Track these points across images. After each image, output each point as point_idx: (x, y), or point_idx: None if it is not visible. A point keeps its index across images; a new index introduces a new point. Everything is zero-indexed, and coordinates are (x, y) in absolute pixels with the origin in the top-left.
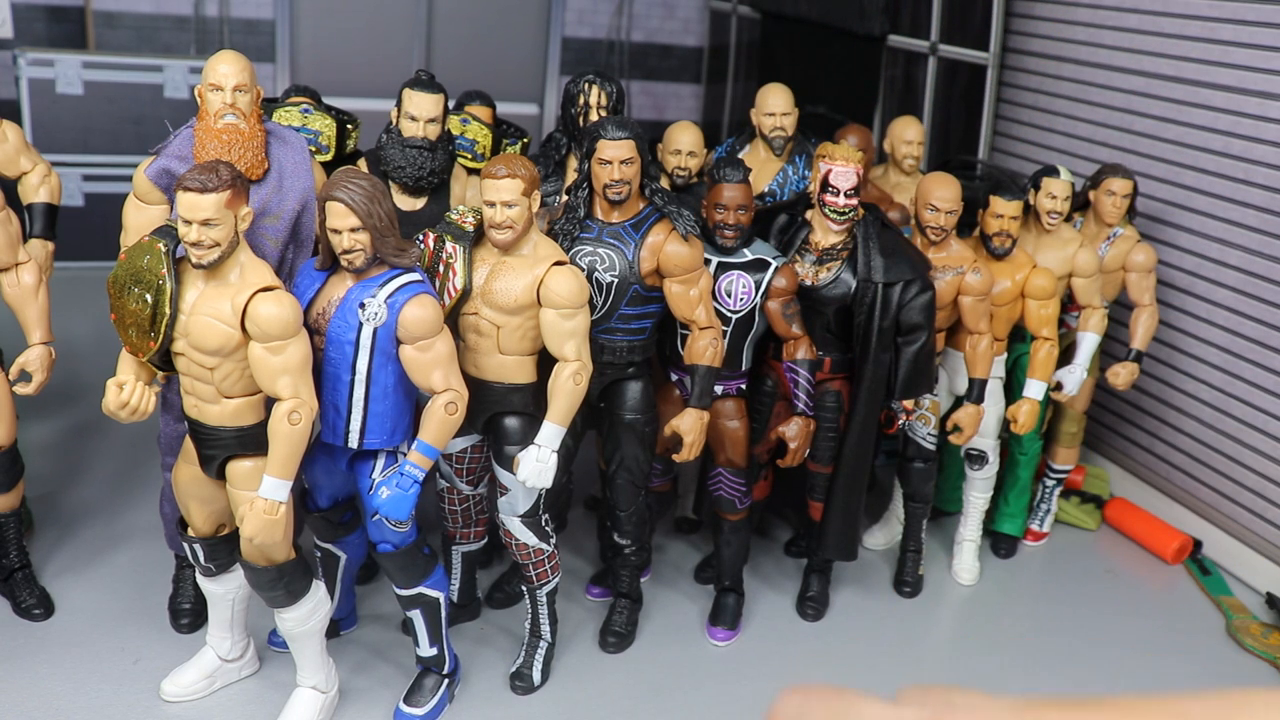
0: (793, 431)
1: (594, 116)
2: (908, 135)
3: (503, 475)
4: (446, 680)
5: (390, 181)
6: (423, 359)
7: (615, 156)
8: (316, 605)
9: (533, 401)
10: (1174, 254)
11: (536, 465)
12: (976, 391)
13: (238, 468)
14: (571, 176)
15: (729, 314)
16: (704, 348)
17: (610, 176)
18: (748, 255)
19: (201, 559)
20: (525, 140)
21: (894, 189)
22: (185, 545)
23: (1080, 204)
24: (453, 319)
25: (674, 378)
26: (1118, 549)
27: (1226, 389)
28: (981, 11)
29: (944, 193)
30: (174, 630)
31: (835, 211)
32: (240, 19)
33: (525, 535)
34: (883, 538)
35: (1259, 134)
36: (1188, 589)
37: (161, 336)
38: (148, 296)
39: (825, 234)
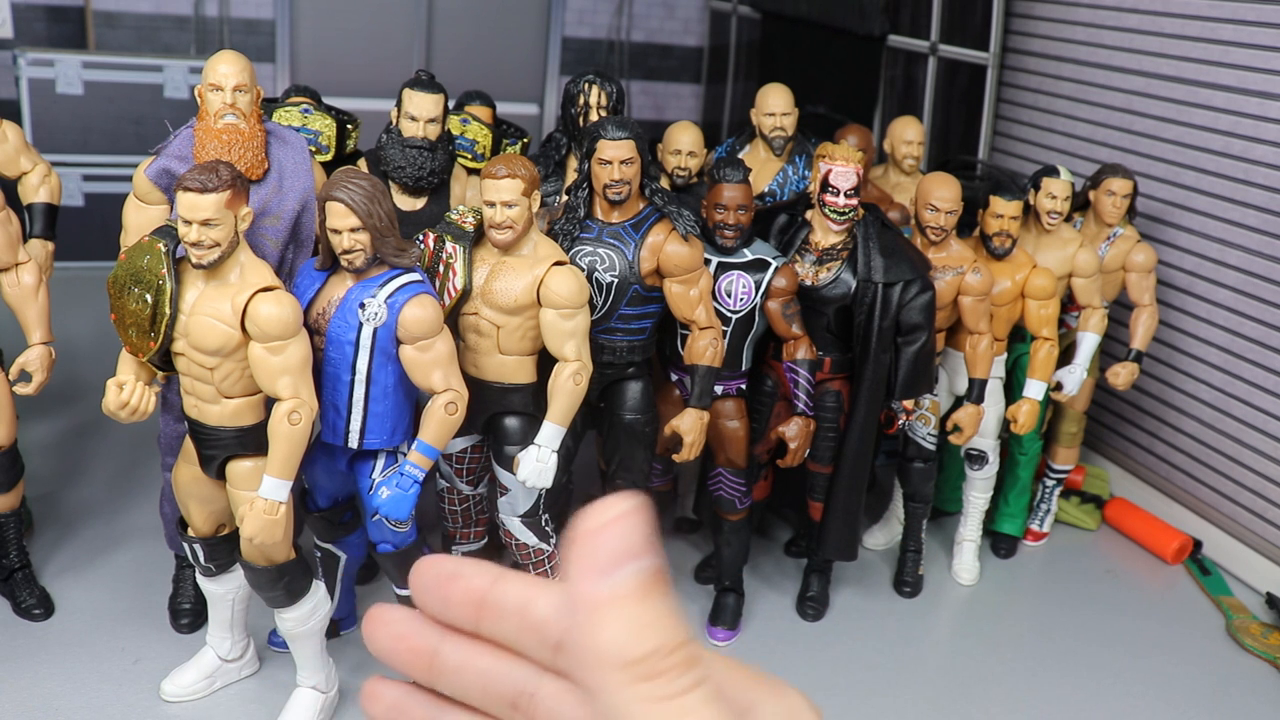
0: (793, 431)
1: (594, 116)
2: (908, 135)
3: (503, 475)
4: None
5: (390, 181)
6: (423, 359)
7: (615, 156)
8: (316, 605)
9: (532, 401)
10: (1174, 254)
11: (536, 465)
12: (976, 391)
13: (238, 468)
14: (571, 176)
15: (729, 314)
16: (704, 348)
17: (610, 176)
18: (748, 255)
19: (201, 559)
20: (525, 140)
21: (894, 189)
22: (185, 545)
23: (1080, 204)
24: (453, 319)
25: (674, 378)
26: (1118, 549)
27: (1226, 389)
28: (981, 11)
29: (944, 193)
30: (174, 630)
31: (835, 211)
32: (240, 19)
33: (525, 535)
34: (883, 538)
35: (1259, 134)
36: (1188, 589)
37: (161, 336)
38: (148, 296)
39: (825, 234)
